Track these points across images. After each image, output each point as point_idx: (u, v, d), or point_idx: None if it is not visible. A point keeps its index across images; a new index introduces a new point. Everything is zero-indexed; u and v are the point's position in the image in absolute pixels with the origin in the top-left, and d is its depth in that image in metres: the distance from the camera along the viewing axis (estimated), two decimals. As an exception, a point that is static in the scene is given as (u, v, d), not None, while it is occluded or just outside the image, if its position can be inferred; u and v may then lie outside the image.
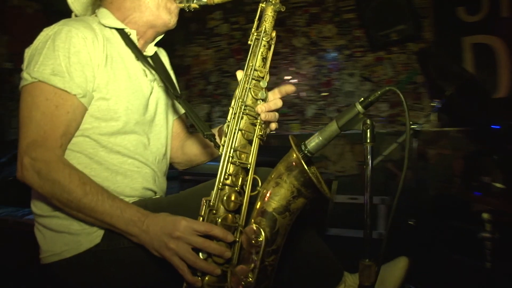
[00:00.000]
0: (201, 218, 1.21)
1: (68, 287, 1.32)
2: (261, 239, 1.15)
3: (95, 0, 1.46)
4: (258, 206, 1.22)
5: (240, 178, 1.25)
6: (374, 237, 4.07)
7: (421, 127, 2.41)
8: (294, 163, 1.17)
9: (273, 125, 1.38)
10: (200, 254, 1.18)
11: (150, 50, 1.52)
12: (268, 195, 1.20)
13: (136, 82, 1.40)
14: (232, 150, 1.24)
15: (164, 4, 1.42)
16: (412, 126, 2.43)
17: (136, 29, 1.43)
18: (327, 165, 4.82)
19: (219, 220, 1.21)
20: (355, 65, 4.69)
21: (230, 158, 1.24)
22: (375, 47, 4.40)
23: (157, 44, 1.60)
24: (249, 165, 1.26)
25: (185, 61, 5.67)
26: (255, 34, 1.33)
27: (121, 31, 1.41)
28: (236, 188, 1.24)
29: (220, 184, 1.22)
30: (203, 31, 5.53)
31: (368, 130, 1.12)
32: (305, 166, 1.13)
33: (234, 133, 1.25)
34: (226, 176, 1.23)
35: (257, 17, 1.34)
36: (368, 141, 1.13)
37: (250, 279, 1.15)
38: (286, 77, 5.09)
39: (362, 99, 1.14)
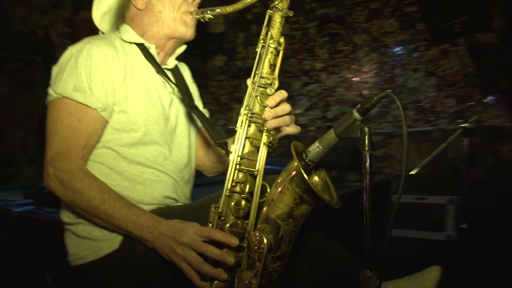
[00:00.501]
0: (210, 225, 1.26)
1: None
2: (263, 245, 1.17)
3: (118, 18, 1.56)
4: (263, 213, 1.24)
5: (248, 185, 1.28)
6: (442, 239, 3.92)
7: (472, 125, 2.27)
8: (295, 171, 1.17)
9: (290, 129, 1.39)
10: None
11: (171, 62, 1.59)
12: (272, 201, 1.22)
13: (155, 94, 1.47)
14: (239, 158, 1.27)
15: (180, 17, 1.48)
16: (463, 125, 2.29)
17: (155, 43, 1.50)
18: (391, 164, 4.67)
19: (227, 226, 1.25)
20: (419, 60, 4.50)
21: (238, 166, 1.27)
22: (438, 40, 4.19)
23: (185, 58, 1.67)
24: (256, 172, 1.28)
25: (247, 63, 5.76)
26: (261, 41, 1.34)
27: (141, 46, 1.48)
28: (243, 195, 1.27)
29: (228, 191, 1.26)
30: (264, 32, 5.59)
31: (366, 138, 1.10)
32: (304, 174, 1.13)
33: (241, 141, 1.29)
34: (233, 183, 1.27)
35: (265, 24, 1.35)
36: (366, 149, 1.10)
37: (254, 285, 1.18)
38: (348, 75, 5.01)
39: (359, 105, 1.12)
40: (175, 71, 1.61)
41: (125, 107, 1.38)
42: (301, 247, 1.34)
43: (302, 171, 1.13)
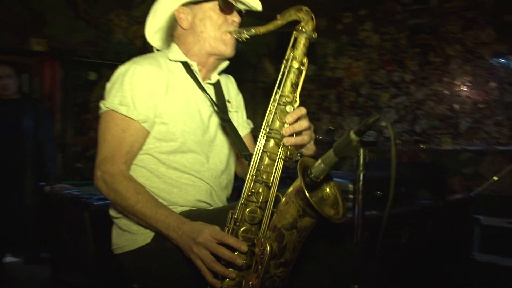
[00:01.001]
0: (226, 229, 1.38)
1: (128, 275, 1.63)
2: (265, 251, 1.27)
3: (168, 36, 1.73)
4: (272, 221, 1.34)
5: (262, 195, 1.38)
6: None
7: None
8: (300, 186, 1.25)
9: (310, 147, 1.47)
10: None
11: (214, 77, 1.74)
12: (280, 212, 1.31)
13: (194, 108, 1.63)
14: (255, 170, 1.38)
15: (220, 37, 1.62)
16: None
17: (197, 60, 1.65)
18: (481, 183, 4.38)
19: (240, 231, 1.36)
20: (518, 73, 4.19)
21: (254, 177, 1.38)
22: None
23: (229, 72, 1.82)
24: (270, 184, 1.38)
25: (337, 73, 5.77)
26: (285, 61, 1.43)
27: (184, 63, 1.65)
28: (257, 204, 1.38)
29: (243, 199, 1.38)
30: (354, 42, 5.56)
31: (361, 158, 1.14)
32: (305, 190, 1.20)
33: (259, 154, 1.39)
34: (249, 193, 1.38)
35: (290, 45, 1.45)
36: (360, 169, 1.14)
37: (255, 287, 1.28)
38: (438, 88, 4.80)
39: (356, 127, 1.16)
40: (217, 85, 1.75)
41: (165, 119, 1.56)
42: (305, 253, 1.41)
43: (304, 188, 1.20)
